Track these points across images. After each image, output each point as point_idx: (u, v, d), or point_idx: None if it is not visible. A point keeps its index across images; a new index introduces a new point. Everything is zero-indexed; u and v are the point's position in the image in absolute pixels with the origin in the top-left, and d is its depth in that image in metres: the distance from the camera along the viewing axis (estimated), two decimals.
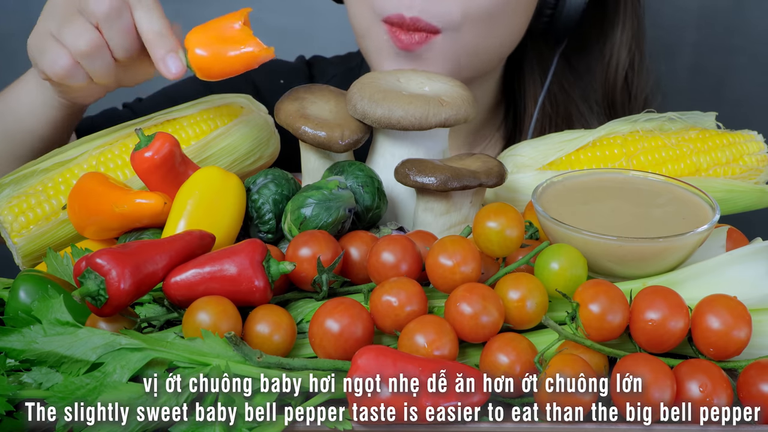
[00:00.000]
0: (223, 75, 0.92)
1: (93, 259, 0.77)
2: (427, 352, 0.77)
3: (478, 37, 1.11)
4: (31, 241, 0.97)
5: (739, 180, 1.06)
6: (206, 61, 0.90)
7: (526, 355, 0.77)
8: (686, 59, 1.70)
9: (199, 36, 0.91)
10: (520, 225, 0.84)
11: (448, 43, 1.10)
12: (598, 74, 1.27)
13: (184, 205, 0.88)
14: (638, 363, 0.76)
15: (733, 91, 1.72)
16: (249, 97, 1.06)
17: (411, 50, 1.09)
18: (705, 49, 1.70)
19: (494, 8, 1.10)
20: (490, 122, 1.29)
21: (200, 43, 0.90)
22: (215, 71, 0.92)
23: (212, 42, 0.90)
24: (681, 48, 1.70)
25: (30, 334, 0.77)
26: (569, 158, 1.04)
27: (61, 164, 1.00)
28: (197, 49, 0.90)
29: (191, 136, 1.01)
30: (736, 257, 0.84)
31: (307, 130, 0.95)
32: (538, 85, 1.26)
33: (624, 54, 1.26)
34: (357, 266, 0.88)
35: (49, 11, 0.95)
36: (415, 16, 1.08)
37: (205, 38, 0.91)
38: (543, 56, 1.27)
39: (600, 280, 0.81)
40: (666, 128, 1.07)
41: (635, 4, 1.26)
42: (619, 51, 1.26)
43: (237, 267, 0.81)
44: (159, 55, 0.91)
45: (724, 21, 1.69)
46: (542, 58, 1.27)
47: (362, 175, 0.92)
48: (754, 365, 0.78)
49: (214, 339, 0.77)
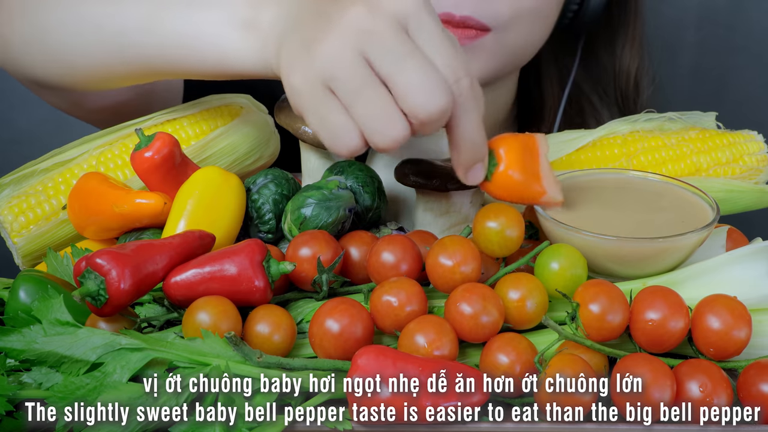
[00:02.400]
0: (501, 198, 0.81)
1: (93, 259, 0.77)
2: (427, 352, 0.77)
3: (523, 35, 1.12)
4: (31, 241, 0.97)
5: (739, 180, 1.06)
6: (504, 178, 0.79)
7: (526, 355, 0.77)
8: (686, 59, 1.71)
9: (509, 147, 0.79)
10: (520, 225, 0.84)
11: (497, 41, 1.10)
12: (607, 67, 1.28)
13: (184, 205, 0.88)
14: (638, 363, 0.76)
15: (733, 92, 1.72)
16: (249, 97, 1.06)
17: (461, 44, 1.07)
18: (705, 49, 1.70)
19: (541, 6, 1.11)
20: (506, 125, 1.30)
21: (510, 158, 0.78)
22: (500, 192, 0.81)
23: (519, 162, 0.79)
24: (681, 48, 1.70)
25: (30, 334, 0.77)
26: (569, 158, 1.04)
27: (61, 164, 1.00)
28: (510, 171, 0.79)
29: (191, 136, 1.01)
30: (736, 257, 0.84)
31: (307, 130, 0.95)
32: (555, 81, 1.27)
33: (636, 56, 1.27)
34: (357, 266, 0.88)
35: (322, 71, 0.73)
36: (466, 15, 1.08)
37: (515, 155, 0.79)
38: (559, 53, 1.28)
39: (600, 280, 0.81)
40: (666, 128, 1.07)
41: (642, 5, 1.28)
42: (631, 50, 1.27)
43: (237, 267, 0.81)
44: (466, 164, 0.78)
45: (724, 21, 1.69)
46: (558, 55, 1.28)
47: (362, 175, 0.92)
48: (754, 365, 0.78)
49: (214, 339, 0.77)
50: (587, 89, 1.29)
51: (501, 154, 0.79)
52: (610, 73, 1.28)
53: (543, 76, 1.28)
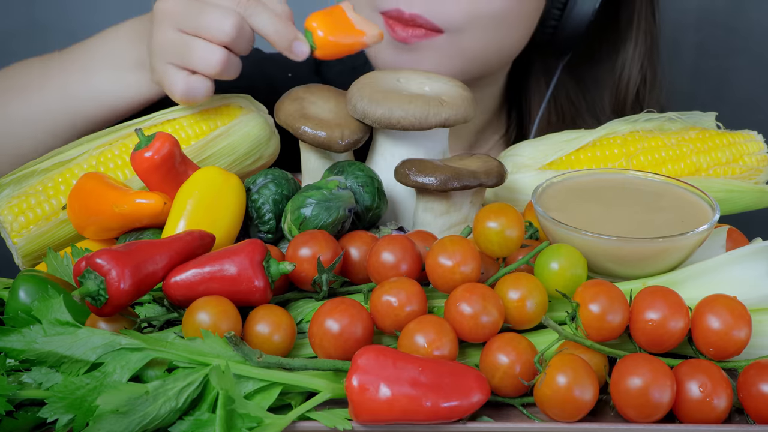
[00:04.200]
0: (336, 56, 1.01)
1: (93, 259, 0.77)
2: (427, 352, 0.77)
3: (481, 40, 1.11)
4: (31, 241, 0.97)
5: (739, 180, 1.06)
6: (326, 42, 0.99)
7: (526, 355, 0.77)
8: (686, 60, 1.71)
9: (319, 20, 1.00)
10: (520, 225, 0.84)
11: (449, 43, 1.09)
12: (608, 88, 1.27)
13: (184, 205, 0.88)
14: (638, 363, 0.76)
15: (733, 92, 1.72)
16: (249, 97, 1.06)
17: (408, 42, 1.09)
18: (705, 50, 1.70)
19: (499, 13, 1.10)
20: (493, 126, 1.29)
21: (321, 27, 0.99)
22: (330, 51, 1.00)
23: (330, 25, 1.00)
24: (681, 48, 1.70)
25: (30, 334, 0.77)
26: (569, 158, 1.04)
27: (61, 164, 1.00)
28: (319, 31, 0.99)
29: (191, 136, 1.01)
30: (736, 257, 0.84)
31: (307, 130, 0.95)
32: (542, 95, 1.26)
33: (636, 70, 1.25)
34: (357, 266, 0.88)
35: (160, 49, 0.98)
36: (416, 13, 1.08)
37: (324, 22, 1.00)
38: (549, 67, 1.27)
39: (600, 280, 0.81)
40: (666, 128, 1.07)
41: (650, 20, 1.25)
42: (631, 67, 1.25)
43: (237, 267, 0.81)
44: (284, 46, 0.98)
45: (724, 22, 1.69)
46: (548, 69, 1.27)
47: (362, 175, 0.92)
48: (754, 365, 0.78)
49: (214, 339, 0.77)
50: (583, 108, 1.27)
51: (314, 26, 0.99)
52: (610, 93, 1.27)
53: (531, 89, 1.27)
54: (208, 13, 0.96)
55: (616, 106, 1.26)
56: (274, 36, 0.98)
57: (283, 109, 0.98)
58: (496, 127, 1.30)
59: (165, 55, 0.97)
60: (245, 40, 0.97)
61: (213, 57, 0.96)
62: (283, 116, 0.97)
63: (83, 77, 1.07)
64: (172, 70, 0.97)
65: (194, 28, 0.96)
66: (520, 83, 1.28)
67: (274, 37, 0.98)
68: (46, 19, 1.68)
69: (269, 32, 0.98)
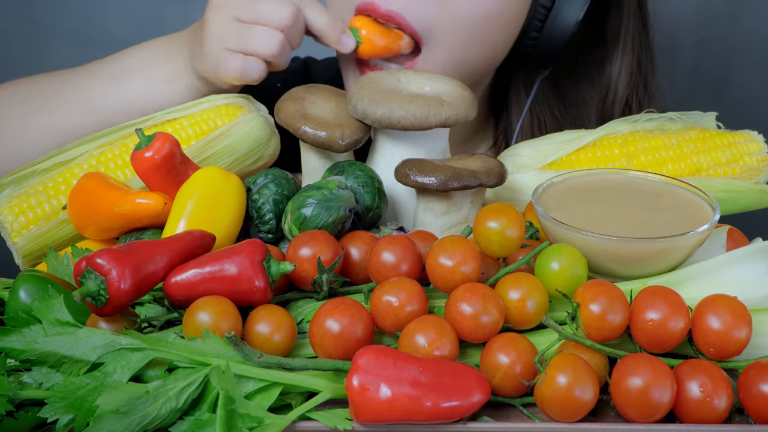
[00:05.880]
0: (375, 55, 1.10)
1: (93, 259, 0.77)
2: (427, 352, 0.77)
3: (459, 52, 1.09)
4: (31, 241, 0.97)
5: (739, 180, 1.06)
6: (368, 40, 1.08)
7: (526, 355, 0.77)
8: (686, 60, 1.71)
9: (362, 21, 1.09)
10: (520, 225, 0.84)
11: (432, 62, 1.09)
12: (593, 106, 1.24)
13: (184, 205, 0.88)
14: (638, 363, 0.76)
15: (733, 92, 1.72)
16: (249, 97, 1.06)
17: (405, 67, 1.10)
18: (705, 50, 1.70)
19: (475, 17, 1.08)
20: (478, 134, 1.28)
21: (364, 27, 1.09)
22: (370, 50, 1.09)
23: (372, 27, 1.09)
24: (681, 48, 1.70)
25: (30, 334, 0.77)
26: (569, 158, 1.04)
27: (61, 164, 1.00)
28: (363, 30, 1.08)
29: (191, 136, 1.01)
30: (736, 257, 0.84)
31: (307, 130, 0.95)
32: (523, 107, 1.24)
33: (621, 87, 1.23)
34: (357, 266, 0.88)
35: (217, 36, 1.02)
36: (392, 10, 1.07)
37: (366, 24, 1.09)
38: (529, 80, 1.24)
39: (600, 280, 0.81)
40: (666, 128, 1.07)
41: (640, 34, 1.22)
42: (617, 84, 1.23)
43: (237, 267, 0.81)
44: (334, 39, 1.06)
45: (724, 22, 1.69)
46: (528, 83, 1.24)
47: (362, 175, 0.92)
48: (754, 365, 0.78)
49: (214, 339, 0.77)
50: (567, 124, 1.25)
51: (358, 25, 1.08)
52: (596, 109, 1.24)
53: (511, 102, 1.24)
54: (266, 2, 1.01)
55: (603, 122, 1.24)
56: (326, 28, 1.04)
57: (283, 109, 0.98)
58: (481, 137, 1.29)
59: (222, 41, 1.01)
60: (299, 30, 1.03)
61: (272, 39, 1.00)
62: (284, 116, 0.97)
63: (115, 87, 1.08)
64: (228, 53, 1.01)
65: (252, 17, 1.01)
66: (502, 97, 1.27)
67: (326, 30, 1.04)
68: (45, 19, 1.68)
69: (322, 24, 1.04)
